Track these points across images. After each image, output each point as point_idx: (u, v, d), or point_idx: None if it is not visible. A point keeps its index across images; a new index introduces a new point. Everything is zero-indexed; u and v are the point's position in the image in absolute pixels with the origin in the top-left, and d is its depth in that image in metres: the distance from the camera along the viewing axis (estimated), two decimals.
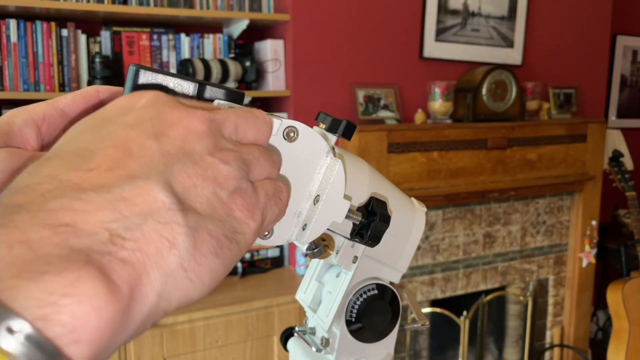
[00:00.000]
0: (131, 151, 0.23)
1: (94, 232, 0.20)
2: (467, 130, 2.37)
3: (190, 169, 0.24)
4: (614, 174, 2.71)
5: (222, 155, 0.26)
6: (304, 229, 0.36)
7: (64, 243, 0.19)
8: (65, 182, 0.21)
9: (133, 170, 0.22)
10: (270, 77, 2.22)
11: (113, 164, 0.22)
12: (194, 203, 0.24)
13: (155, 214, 0.22)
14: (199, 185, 0.24)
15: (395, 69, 2.39)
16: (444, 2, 2.43)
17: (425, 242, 2.46)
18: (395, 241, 0.50)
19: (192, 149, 0.25)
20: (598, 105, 2.99)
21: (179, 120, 0.25)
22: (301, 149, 0.34)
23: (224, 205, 0.25)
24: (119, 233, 0.20)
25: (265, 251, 2.35)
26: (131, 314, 0.20)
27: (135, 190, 0.22)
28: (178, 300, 0.22)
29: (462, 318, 2.56)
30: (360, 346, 0.51)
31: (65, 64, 1.99)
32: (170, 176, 0.23)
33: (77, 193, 0.20)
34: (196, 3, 2.12)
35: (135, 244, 0.21)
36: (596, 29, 2.89)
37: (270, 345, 2.03)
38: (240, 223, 0.26)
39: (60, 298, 0.17)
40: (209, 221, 0.24)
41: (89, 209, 0.20)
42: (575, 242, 2.82)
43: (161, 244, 0.21)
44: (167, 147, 0.24)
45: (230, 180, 0.26)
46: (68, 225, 0.19)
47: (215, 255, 0.24)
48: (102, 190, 0.21)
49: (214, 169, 0.25)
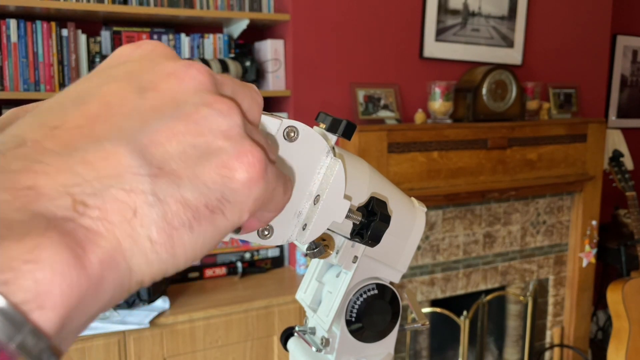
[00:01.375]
0: (109, 107, 0.21)
1: (55, 196, 0.19)
2: (467, 130, 2.37)
3: (178, 124, 0.22)
4: (614, 173, 2.71)
5: (221, 105, 0.23)
6: (304, 228, 0.36)
7: (25, 207, 0.18)
8: (28, 141, 0.20)
9: (102, 130, 0.21)
10: (271, 77, 2.22)
11: (83, 122, 0.21)
12: (175, 164, 0.21)
13: (119, 180, 0.20)
14: (185, 142, 0.22)
15: (395, 68, 2.39)
16: (444, 2, 2.43)
17: (425, 242, 2.46)
18: (396, 241, 0.50)
19: (185, 99, 0.22)
20: (598, 105, 2.99)
21: (174, 71, 0.23)
22: (301, 149, 0.34)
23: (216, 165, 0.22)
24: (82, 199, 0.19)
25: (265, 251, 2.35)
26: (101, 283, 0.19)
27: (100, 152, 0.20)
28: (150, 273, 0.21)
29: (462, 318, 2.56)
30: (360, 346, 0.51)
31: (66, 63, 1.99)
32: (147, 135, 0.21)
33: (39, 154, 0.19)
34: (196, 3, 2.12)
35: (98, 212, 0.19)
36: (596, 29, 2.89)
37: (271, 345, 2.03)
38: (238, 188, 0.22)
39: (21, 264, 0.17)
40: (189, 187, 0.21)
41: (49, 171, 0.19)
42: (575, 242, 2.82)
43: (125, 213, 0.20)
44: (152, 102, 0.22)
45: (230, 135, 0.23)
46: (29, 188, 0.18)
47: (189, 229, 0.21)
48: (64, 151, 0.20)
49: (210, 123, 0.22)
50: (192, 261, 0.22)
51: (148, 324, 1.80)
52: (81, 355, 1.73)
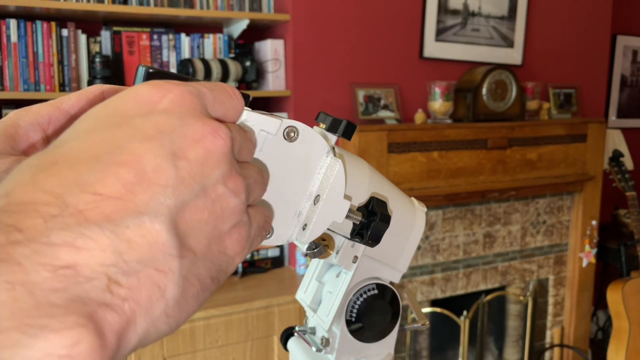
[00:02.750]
0: (144, 174, 0.21)
1: (93, 277, 0.19)
2: (467, 130, 2.37)
3: (200, 202, 0.23)
4: (614, 173, 2.71)
5: (234, 184, 0.24)
6: (304, 228, 0.36)
7: (64, 289, 0.18)
8: (70, 208, 0.19)
9: (142, 202, 0.21)
10: (271, 77, 2.22)
11: (122, 191, 0.21)
12: (194, 242, 0.22)
13: (154, 259, 0.21)
14: (203, 221, 0.23)
15: (395, 68, 2.39)
16: (444, 2, 2.43)
17: (425, 242, 2.46)
18: (396, 241, 0.50)
19: (209, 176, 0.23)
20: (598, 105, 2.99)
21: (202, 138, 0.23)
22: (301, 149, 0.34)
23: (220, 241, 0.24)
24: (117, 279, 0.20)
25: (266, 251, 2.35)
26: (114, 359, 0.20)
27: (140, 229, 0.20)
28: (153, 340, 0.22)
29: (462, 318, 2.56)
30: (360, 346, 0.51)
31: (66, 64, 2.00)
32: (178, 211, 0.22)
33: (81, 227, 0.19)
34: (196, 3, 2.12)
35: (129, 292, 0.20)
36: (596, 29, 2.89)
37: (271, 345, 2.03)
38: (230, 260, 0.25)
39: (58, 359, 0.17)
40: (201, 263, 0.23)
41: (90, 247, 0.19)
42: (575, 242, 2.82)
43: (153, 293, 0.21)
44: (183, 173, 0.22)
45: (235, 215, 0.24)
46: (69, 267, 0.19)
47: (196, 300, 0.23)
48: (106, 225, 0.20)
49: (222, 202, 0.23)
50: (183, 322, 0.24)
51: None
52: None
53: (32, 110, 0.32)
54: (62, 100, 0.33)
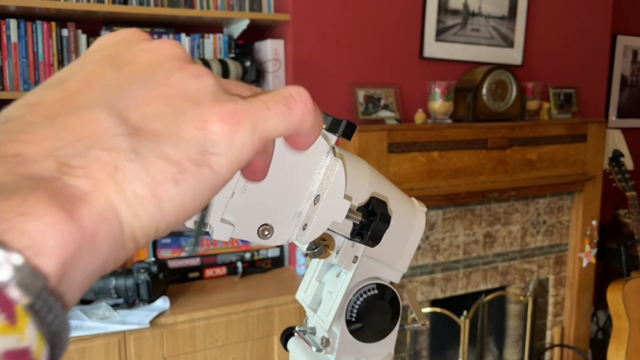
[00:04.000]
0: (87, 82, 0.23)
1: (40, 160, 0.20)
2: (467, 130, 2.37)
3: (152, 88, 0.23)
4: (614, 173, 2.71)
5: (192, 69, 0.24)
6: (304, 228, 0.36)
7: (13, 171, 0.19)
8: (15, 118, 0.21)
9: (81, 100, 0.22)
10: (271, 77, 2.23)
11: (63, 95, 0.22)
12: (152, 124, 0.22)
13: (99, 141, 0.21)
14: (159, 104, 0.23)
15: (395, 68, 2.39)
16: (444, 2, 2.43)
17: (425, 242, 2.46)
18: (396, 241, 0.50)
19: (158, 67, 0.24)
20: (598, 105, 2.99)
21: (149, 47, 0.25)
22: None
23: (193, 120, 0.23)
24: (65, 160, 0.20)
25: (266, 251, 2.35)
26: (95, 236, 0.20)
27: (79, 118, 0.21)
28: (141, 228, 0.21)
29: (462, 318, 2.56)
30: (360, 346, 0.51)
31: (66, 64, 1.99)
32: (123, 101, 0.22)
33: (23, 125, 0.21)
34: (196, 3, 2.12)
35: (83, 170, 0.20)
36: (596, 28, 2.89)
37: (271, 345, 2.03)
38: (217, 140, 0.23)
39: (15, 216, 0.18)
40: (169, 143, 0.22)
41: (33, 139, 0.20)
42: (575, 242, 2.82)
43: (108, 170, 0.21)
44: (127, 73, 0.24)
45: (203, 93, 0.24)
46: (16, 155, 0.20)
47: (173, 182, 0.22)
48: (46, 121, 0.21)
49: (182, 84, 0.24)
50: (183, 217, 0.23)
51: (148, 324, 1.80)
52: (81, 355, 1.73)
53: None
54: None
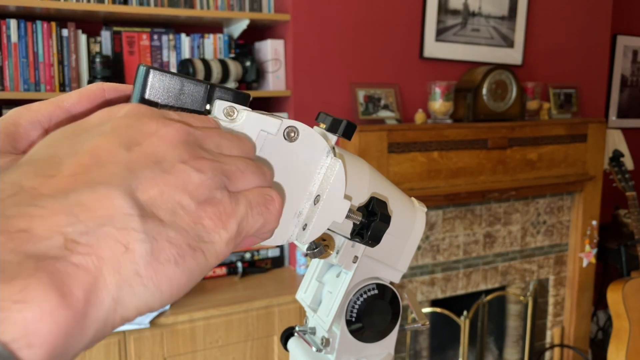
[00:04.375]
0: (99, 158, 0.23)
1: (48, 236, 0.20)
2: (467, 130, 2.37)
3: (158, 176, 0.24)
4: (614, 173, 2.71)
5: (197, 163, 0.26)
6: (305, 228, 0.36)
7: (18, 249, 0.19)
8: (25, 188, 0.21)
9: (95, 177, 0.22)
10: (271, 77, 2.22)
11: (77, 170, 0.22)
12: (158, 210, 0.23)
13: (112, 219, 0.21)
14: (165, 192, 0.24)
15: (395, 69, 2.39)
16: (444, 2, 2.43)
17: (425, 242, 2.46)
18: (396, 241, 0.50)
19: (164, 156, 0.25)
20: (598, 105, 2.99)
21: (156, 131, 0.25)
22: (301, 149, 0.34)
23: (191, 213, 0.24)
24: (74, 238, 0.20)
25: (266, 251, 2.35)
26: (87, 319, 0.20)
27: (94, 195, 0.21)
28: (136, 307, 0.22)
29: (462, 318, 2.56)
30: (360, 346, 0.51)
31: (66, 64, 2.00)
32: (134, 183, 0.23)
33: (35, 199, 0.21)
34: (196, 3, 2.12)
35: (89, 248, 0.20)
36: (596, 28, 2.89)
37: (271, 345, 2.03)
38: (209, 232, 0.25)
39: (11, 304, 0.18)
40: (171, 229, 0.23)
41: (44, 214, 0.20)
42: (575, 242, 2.82)
43: (116, 249, 0.21)
44: (137, 155, 0.24)
45: (202, 189, 0.25)
46: (23, 231, 0.19)
47: (174, 264, 0.23)
48: (59, 195, 0.21)
49: (184, 177, 0.25)
50: (177, 296, 0.24)
51: (148, 324, 1.80)
52: (81, 355, 1.73)
53: (32, 109, 0.32)
54: (62, 99, 0.33)
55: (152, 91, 0.31)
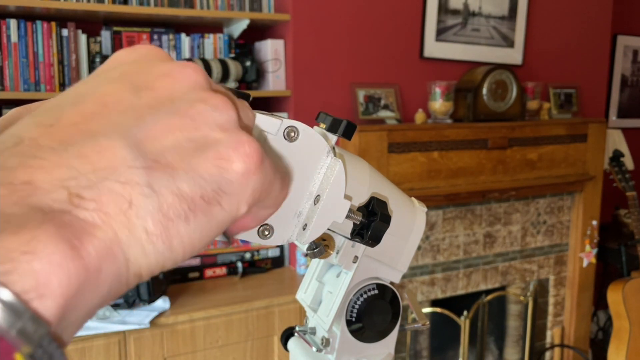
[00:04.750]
0: (104, 106, 0.22)
1: (51, 190, 0.19)
2: (467, 130, 2.37)
3: (173, 119, 0.22)
4: (614, 173, 2.71)
5: (216, 101, 0.23)
6: (305, 228, 0.36)
7: (22, 201, 0.18)
8: (25, 139, 0.20)
9: (97, 126, 0.21)
10: (271, 77, 2.22)
11: (79, 119, 0.21)
12: (171, 156, 0.22)
13: (114, 172, 0.20)
14: (179, 136, 0.22)
15: (395, 68, 2.39)
16: (444, 1, 2.43)
17: (425, 242, 2.46)
18: (396, 241, 0.50)
19: (180, 97, 0.23)
20: (598, 105, 2.99)
21: (169, 71, 0.24)
22: (301, 149, 0.34)
23: (213, 157, 0.22)
24: (77, 192, 0.19)
25: (266, 251, 2.35)
26: (99, 273, 0.19)
27: (95, 146, 0.20)
28: (148, 265, 0.21)
29: (462, 318, 2.56)
30: (360, 346, 0.51)
31: (66, 63, 2.00)
32: (141, 130, 0.22)
33: (35, 150, 0.20)
34: (196, 3, 2.12)
35: (94, 204, 0.19)
36: (597, 28, 2.89)
37: (271, 345, 2.03)
38: (234, 179, 0.23)
39: (19, 255, 0.17)
40: (185, 178, 0.21)
41: (45, 166, 0.19)
42: (575, 242, 2.82)
43: (121, 205, 0.20)
44: (147, 100, 0.22)
45: (226, 128, 0.23)
46: (26, 183, 0.19)
47: (185, 220, 0.21)
48: (60, 147, 0.20)
49: (204, 117, 0.23)
50: (190, 254, 0.22)
51: (148, 324, 1.80)
52: (81, 355, 1.73)
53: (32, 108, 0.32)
54: None
55: None
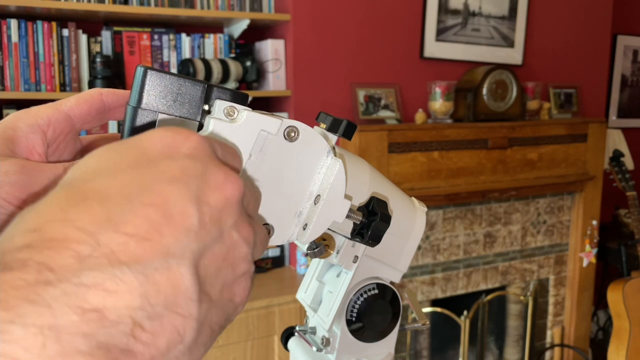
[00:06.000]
0: (171, 216, 0.21)
1: (120, 321, 0.19)
2: (467, 130, 2.37)
3: (217, 248, 0.23)
4: (614, 173, 2.71)
5: (246, 232, 0.24)
6: (305, 228, 0.36)
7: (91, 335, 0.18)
8: (102, 247, 0.19)
9: (169, 245, 0.21)
10: (271, 77, 2.23)
11: (151, 231, 0.21)
12: (209, 288, 0.23)
13: (176, 303, 0.21)
14: (219, 267, 0.23)
15: (395, 68, 2.39)
16: (444, 1, 2.43)
17: (425, 241, 2.46)
18: (396, 241, 0.50)
19: (226, 222, 0.23)
20: (598, 105, 2.99)
21: (222, 186, 0.23)
22: (302, 149, 0.34)
23: (230, 289, 0.24)
24: (142, 323, 0.20)
25: (266, 251, 2.35)
26: None
27: (167, 272, 0.20)
28: None
29: (462, 318, 2.56)
30: (360, 346, 0.51)
31: (66, 63, 2.00)
32: (199, 256, 0.22)
33: (113, 268, 0.19)
34: (197, 3, 2.12)
35: (151, 337, 0.20)
36: (597, 28, 2.89)
37: (271, 345, 2.03)
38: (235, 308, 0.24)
39: None
40: (215, 309, 0.23)
41: (119, 291, 0.19)
42: (575, 242, 2.82)
43: (173, 338, 0.21)
44: (205, 218, 0.22)
45: (245, 263, 0.24)
46: (97, 310, 0.19)
47: (204, 346, 0.23)
48: (136, 267, 0.20)
49: (236, 249, 0.24)
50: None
51: None
52: None
53: (31, 112, 0.32)
54: (61, 103, 0.34)
55: (150, 92, 0.31)
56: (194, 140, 0.24)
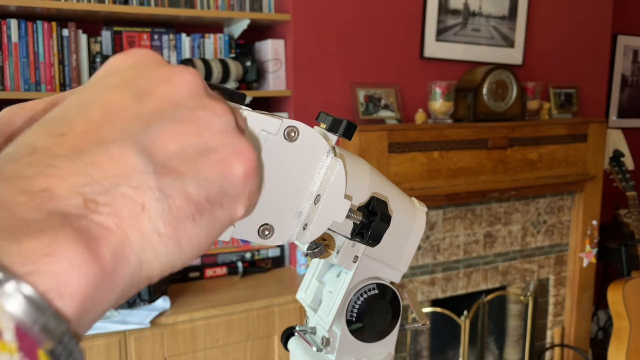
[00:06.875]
0: (110, 113, 0.23)
1: (67, 196, 0.20)
2: (467, 130, 2.37)
3: (177, 125, 0.23)
4: (614, 173, 2.71)
5: (215, 108, 0.25)
6: (305, 228, 0.36)
7: (41, 207, 0.19)
8: (38, 149, 0.21)
9: (107, 134, 0.22)
10: (271, 77, 2.23)
11: (88, 128, 0.22)
12: (176, 163, 0.23)
13: (127, 177, 0.21)
14: (184, 141, 0.23)
15: (395, 68, 2.39)
16: (444, 1, 2.43)
17: (425, 241, 2.46)
18: (396, 241, 0.50)
19: (182, 103, 0.24)
20: (599, 105, 2.99)
21: (169, 77, 0.25)
22: (302, 149, 0.34)
23: (216, 161, 0.24)
24: (92, 197, 0.20)
25: (266, 251, 2.35)
26: (114, 276, 0.20)
27: (106, 154, 0.21)
28: (159, 266, 0.22)
29: (462, 318, 2.56)
30: (360, 346, 0.51)
31: (66, 63, 2.00)
32: (148, 137, 0.23)
33: (49, 159, 0.21)
34: (197, 3, 2.12)
35: (109, 208, 0.21)
36: (597, 28, 2.89)
37: (271, 345, 2.03)
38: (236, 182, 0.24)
39: (41, 257, 0.18)
40: (191, 182, 0.23)
41: (60, 174, 0.20)
42: (575, 242, 2.82)
43: (134, 209, 0.21)
44: (150, 106, 0.23)
45: (222, 135, 0.24)
46: (43, 190, 0.20)
47: (192, 221, 0.23)
48: (73, 155, 0.21)
49: (205, 123, 0.24)
50: (197, 254, 0.24)
51: (149, 324, 1.81)
52: None
53: (27, 107, 0.32)
54: (57, 97, 0.33)
55: None
56: (138, 53, 0.26)
